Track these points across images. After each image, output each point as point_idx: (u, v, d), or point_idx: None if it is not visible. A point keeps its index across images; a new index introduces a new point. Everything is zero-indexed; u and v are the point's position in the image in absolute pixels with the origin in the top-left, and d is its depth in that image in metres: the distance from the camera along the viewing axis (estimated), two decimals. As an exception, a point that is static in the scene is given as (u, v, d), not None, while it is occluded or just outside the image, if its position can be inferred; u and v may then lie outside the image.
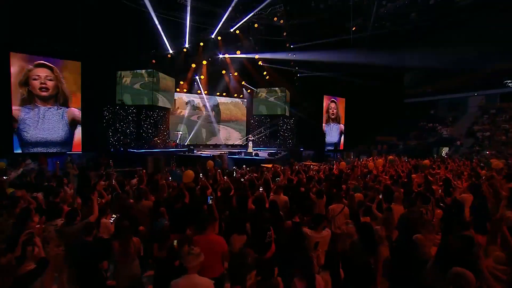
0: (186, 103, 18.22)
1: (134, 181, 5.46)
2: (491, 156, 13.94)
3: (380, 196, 4.10)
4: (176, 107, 17.54)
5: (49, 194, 4.75)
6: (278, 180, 5.00)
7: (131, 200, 4.29)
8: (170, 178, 5.26)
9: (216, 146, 18.96)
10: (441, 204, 4.38)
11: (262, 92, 19.32)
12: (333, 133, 20.87)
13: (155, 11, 12.72)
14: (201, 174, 5.78)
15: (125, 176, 6.97)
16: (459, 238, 2.61)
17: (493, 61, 18.73)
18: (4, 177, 5.37)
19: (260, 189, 4.21)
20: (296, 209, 3.56)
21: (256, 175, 6.95)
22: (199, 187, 5.03)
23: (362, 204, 4.42)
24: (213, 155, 11.66)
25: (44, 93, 10.96)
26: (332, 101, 20.85)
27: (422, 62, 23.83)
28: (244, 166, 6.97)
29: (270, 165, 10.56)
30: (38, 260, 2.20)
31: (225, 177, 4.98)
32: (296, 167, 7.03)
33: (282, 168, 6.88)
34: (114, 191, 4.76)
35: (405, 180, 6.43)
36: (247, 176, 6.57)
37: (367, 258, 2.89)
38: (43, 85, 10.88)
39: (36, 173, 6.20)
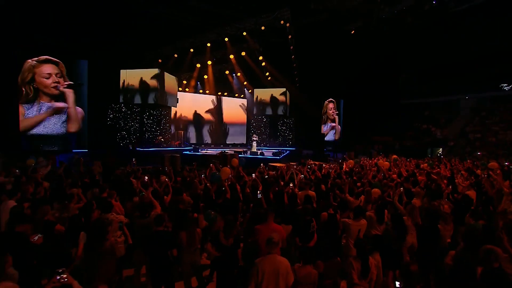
0: (189, 103, 18.42)
1: (164, 178, 5.72)
2: (482, 156, 14.77)
3: (402, 189, 4.54)
4: (179, 106, 17.70)
5: (87, 190, 5.00)
6: (302, 177, 5.39)
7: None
8: (202, 176, 5.56)
9: (217, 145, 19.23)
10: (452, 199, 4.87)
11: (264, 92, 19.71)
12: (329, 133, 21.49)
13: (162, 11, 12.86)
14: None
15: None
16: (481, 227, 3.07)
17: (484, 65, 19.66)
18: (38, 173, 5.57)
19: (291, 185, 4.58)
20: (330, 204, 3.96)
21: (273, 173, 7.33)
22: (228, 183, 5.37)
23: (381, 198, 4.87)
24: (225, 153, 11.95)
25: (56, 92, 10.96)
26: (331, 101, 21.40)
27: (416, 64, 24.81)
28: (261, 164, 7.33)
29: (279, 164, 10.95)
30: (127, 246, 2.51)
31: (253, 175, 5.32)
32: (312, 165, 7.44)
33: (298, 167, 7.27)
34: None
35: (412, 178, 6.94)
36: (265, 173, 6.94)
37: (398, 244, 3.32)
38: (56, 84, 10.85)
39: (63, 170, 6.37)
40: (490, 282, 2.00)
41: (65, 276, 1.73)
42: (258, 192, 3.66)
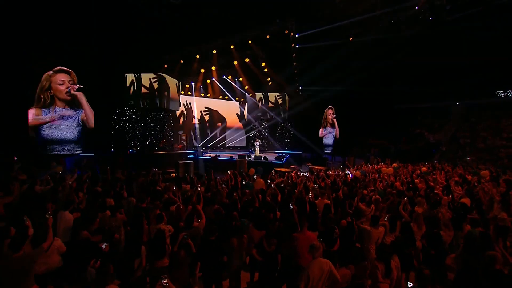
0: (192, 106, 18.80)
1: (187, 186, 6.14)
2: (472, 162, 15.66)
3: (406, 199, 5.12)
4: (182, 110, 18.06)
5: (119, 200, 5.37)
6: (316, 186, 5.91)
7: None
8: (224, 185, 6.00)
9: (218, 148, 19.65)
10: (451, 206, 5.48)
11: (264, 97, 20.24)
12: (328, 136, 22.23)
13: (171, 18, 13.17)
14: (243, 181, 6.58)
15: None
16: (479, 234, 3.65)
17: (476, 72, 20.62)
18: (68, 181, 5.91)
19: (310, 194, 5.09)
20: (347, 212, 4.50)
21: (283, 179, 7.82)
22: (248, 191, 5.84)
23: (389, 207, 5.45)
24: (236, 159, 12.40)
25: (69, 98, 11.59)
26: (330, 108, 22.18)
27: (410, 69, 25.75)
28: (272, 171, 7.81)
29: (284, 169, 11.49)
30: (193, 254, 2.98)
31: (273, 185, 5.80)
32: (322, 173, 7.98)
33: (306, 173, 7.79)
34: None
35: (412, 185, 7.56)
36: (276, 181, 7.43)
37: (409, 248, 3.88)
38: (70, 90, 11.51)
39: (87, 177, 6.70)
40: (493, 281, 2.55)
41: (165, 281, 2.17)
42: (290, 204, 4.13)
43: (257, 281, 3.60)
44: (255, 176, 7.02)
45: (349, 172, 8.79)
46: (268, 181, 6.69)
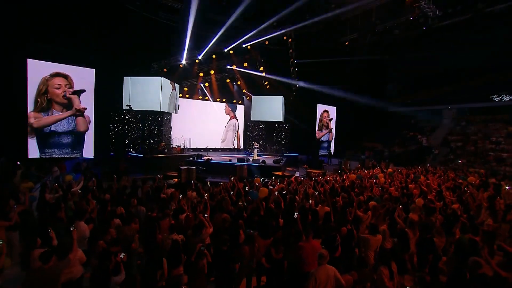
0: (190, 109, 18.95)
1: (194, 194, 6.35)
2: (463, 165, 16.24)
3: (400, 206, 5.44)
4: (181, 112, 18.19)
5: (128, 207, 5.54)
6: (316, 193, 6.20)
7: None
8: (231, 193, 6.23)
9: (216, 150, 19.85)
10: (443, 212, 5.83)
11: (261, 99, 20.51)
12: (323, 138, 22.69)
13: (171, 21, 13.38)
14: (247, 188, 6.83)
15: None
16: (468, 240, 3.99)
17: (465, 77, 21.29)
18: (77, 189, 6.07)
19: (310, 201, 5.37)
20: (347, 220, 4.80)
21: (284, 185, 8.08)
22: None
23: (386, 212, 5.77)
24: (233, 162, 12.60)
25: (66, 101, 11.65)
26: (325, 111, 22.64)
27: (403, 74, 26.44)
28: (273, 177, 8.07)
29: (282, 173, 11.77)
30: (209, 263, 3.22)
31: (276, 193, 6.05)
32: (320, 178, 8.27)
33: (305, 179, 8.07)
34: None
35: (405, 191, 7.91)
36: (276, 186, 7.69)
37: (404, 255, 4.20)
38: (65, 94, 11.59)
39: (93, 184, 6.85)
40: (479, 284, 2.87)
41: (186, 290, 2.41)
42: (295, 213, 4.38)
43: (264, 286, 3.86)
44: (256, 184, 7.25)
45: (346, 178, 9.10)
46: (271, 187, 6.93)
